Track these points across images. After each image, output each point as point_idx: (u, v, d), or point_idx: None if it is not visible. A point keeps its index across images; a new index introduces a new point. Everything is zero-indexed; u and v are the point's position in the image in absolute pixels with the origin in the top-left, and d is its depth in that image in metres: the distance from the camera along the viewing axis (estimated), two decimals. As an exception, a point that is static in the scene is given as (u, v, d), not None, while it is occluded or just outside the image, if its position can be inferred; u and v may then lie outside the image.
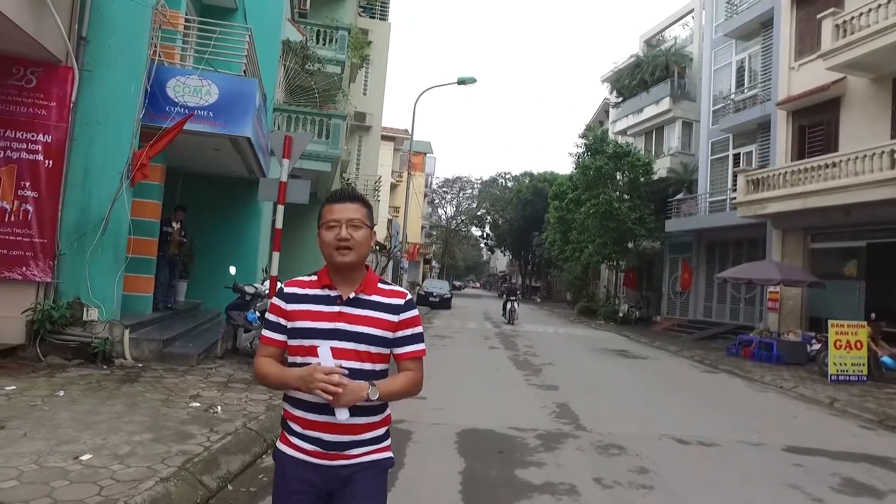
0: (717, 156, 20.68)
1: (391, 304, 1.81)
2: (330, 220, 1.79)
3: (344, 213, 1.79)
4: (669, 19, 28.34)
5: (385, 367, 1.82)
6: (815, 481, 4.58)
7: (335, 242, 1.76)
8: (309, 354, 1.73)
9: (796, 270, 14.48)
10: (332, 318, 1.75)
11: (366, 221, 1.81)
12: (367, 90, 20.69)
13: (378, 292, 1.82)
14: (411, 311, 1.85)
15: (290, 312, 1.79)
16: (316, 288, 1.81)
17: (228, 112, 7.87)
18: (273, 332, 1.82)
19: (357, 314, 1.76)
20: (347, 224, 1.77)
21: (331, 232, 1.78)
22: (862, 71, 13.34)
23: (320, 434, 1.72)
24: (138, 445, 4.04)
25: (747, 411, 7.71)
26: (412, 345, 1.83)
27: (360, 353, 1.74)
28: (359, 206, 1.83)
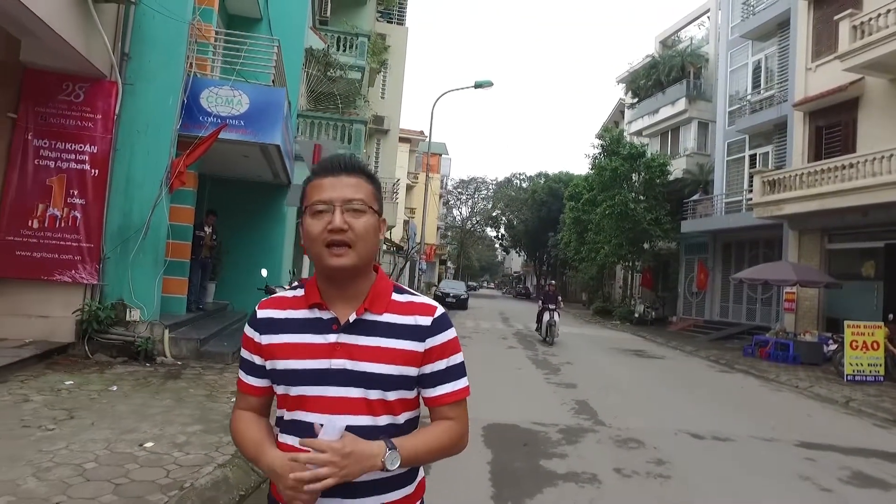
0: (733, 157, 20.74)
1: (413, 325, 1.25)
2: (317, 201, 1.22)
3: (339, 191, 1.21)
4: (685, 19, 28.35)
5: (411, 417, 1.29)
6: (825, 474, 4.82)
7: (325, 236, 1.19)
8: (298, 408, 1.22)
9: (813, 271, 14.55)
10: (324, 352, 1.22)
11: (372, 203, 1.24)
12: (384, 94, 21.07)
13: (393, 308, 1.26)
14: (446, 332, 1.28)
15: (266, 348, 1.26)
16: (301, 308, 1.26)
17: (258, 121, 8.23)
18: (247, 375, 1.32)
19: (361, 345, 1.22)
20: (343, 207, 1.20)
21: (319, 220, 1.21)
22: (880, 72, 13.39)
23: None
24: (192, 435, 4.39)
25: (762, 409, 7.91)
26: (449, 382, 1.27)
27: (371, 402, 1.21)
28: (359, 179, 1.25)
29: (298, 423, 1.22)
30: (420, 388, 1.28)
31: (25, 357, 5.94)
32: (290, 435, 1.24)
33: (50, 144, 6.87)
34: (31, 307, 6.80)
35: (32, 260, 6.76)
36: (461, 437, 1.29)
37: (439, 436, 1.25)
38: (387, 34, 19.57)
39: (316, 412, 1.20)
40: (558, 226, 37.36)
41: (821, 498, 4.35)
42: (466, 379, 1.31)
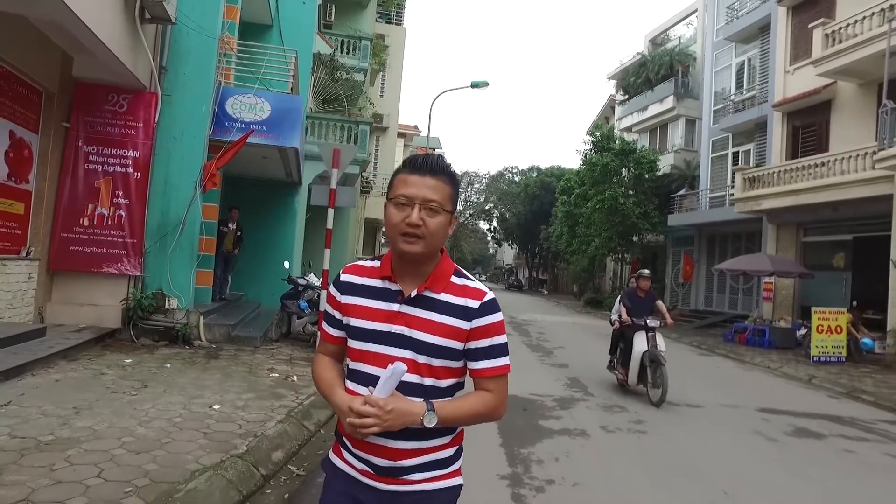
0: (717, 153, 21.69)
1: (463, 306, 1.44)
2: (401, 195, 1.41)
3: (421, 191, 1.40)
4: (674, 19, 29.20)
5: (455, 383, 1.49)
6: (775, 430, 5.79)
7: (402, 227, 1.39)
8: (361, 360, 1.45)
9: (788, 262, 15.54)
10: (387, 318, 1.44)
11: (446, 206, 1.43)
12: (383, 92, 21.82)
13: (449, 289, 1.45)
14: (491, 315, 1.46)
15: (344, 306, 1.51)
16: (375, 278, 1.49)
17: (279, 126, 9.02)
18: (329, 326, 1.57)
19: (419, 317, 1.43)
20: (422, 205, 1.39)
21: (399, 212, 1.41)
22: (850, 77, 14.36)
23: (369, 457, 1.43)
24: (249, 401, 5.24)
25: (733, 385, 8.87)
26: (491, 359, 1.46)
27: (419, 364, 1.42)
28: (441, 182, 1.43)
29: (358, 372, 1.46)
30: (466, 361, 1.47)
31: (87, 340, 6.76)
32: (353, 382, 1.47)
33: (98, 150, 7.65)
34: (83, 296, 7.61)
35: (84, 254, 7.56)
36: (497, 408, 1.48)
37: (475, 404, 1.45)
38: (386, 34, 20.31)
39: (374, 365, 1.43)
40: (550, 219, 38.17)
41: (766, 444, 5.34)
42: (508, 358, 1.49)
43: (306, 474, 3.98)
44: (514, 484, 3.96)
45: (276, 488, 3.71)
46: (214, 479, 3.43)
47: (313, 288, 8.92)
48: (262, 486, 3.67)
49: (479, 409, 1.46)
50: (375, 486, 1.45)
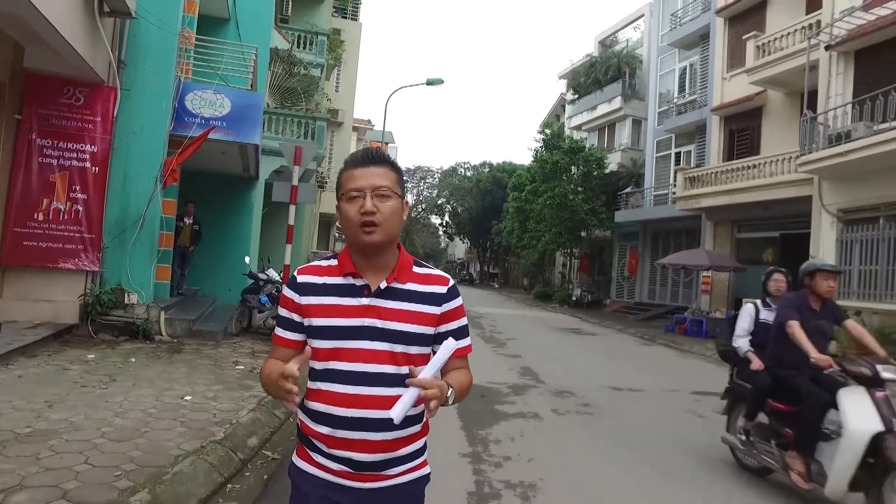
0: (661, 153, 22.79)
1: (432, 292, 1.51)
2: (351, 189, 1.45)
3: (368, 180, 1.44)
4: (622, 22, 30.22)
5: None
6: (704, 408, 6.43)
7: (358, 218, 1.43)
8: (334, 359, 1.45)
9: (723, 257, 16.62)
10: (357, 312, 1.45)
11: (396, 189, 1.47)
12: (339, 87, 21.82)
13: (415, 278, 1.51)
14: (456, 299, 1.56)
15: (304, 307, 1.49)
16: (336, 276, 1.50)
17: (239, 122, 9.09)
18: (285, 330, 1.54)
19: (391, 308, 1.46)
20: (373, 193, 1.43)
21: (353, 204, 1.45)
22: (778, 86, 15.47)
23: (350, 454, 1.43)
24: (218, 392, 5.43)
25: (671, 371, 9.59)
26: (460, 339, 1.52)
27: (395, 354, 1.44)
28: (386, 169, 1.48)
29: (333, 371, 1.44)
30: (434, 345, 1.51)
31: (44, 336, 6.72)
32: (324, 382, 1.45)
33: (53, 144, 7.55)
34: (38, 292, 7.52)
35: (38, 249, 7.47)
36: (471, 382, 1.60)
37: (465, 380, 1.55)
38: (342, 29, 20.32)
39: (349, 362, 1.43)
40: (502, 214, 38.84)
41: (695, 420, 6.03)
42: (469, 338, 1.61)
43: (281, 458, 4.24)
44: (475, 461, 4.35)
45: (254, 471, 3.96)
46: (197, 462, 3.66)
47: (273, 283, 9.06)
48: (241, 469, 3.92)
49: (467, 384, 1.56)
50: (352, 485, 1.44)
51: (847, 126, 11.62)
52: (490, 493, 3.75)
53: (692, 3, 21.20)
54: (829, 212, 12.52)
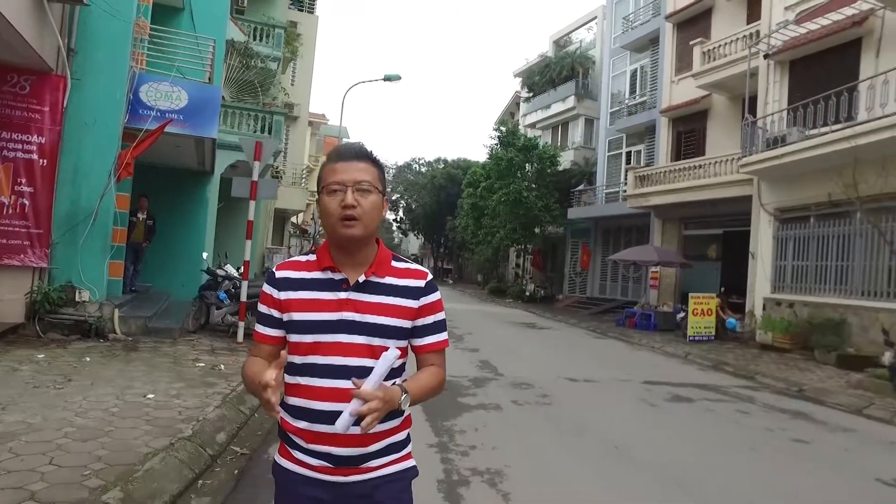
0: (612, 152, 23.50)
1: (410, 286, 1.52)
2: (332, 182, 1.46)
3: (350, 174, 1.45)
4: (576, 23, 30.87)
5: (403, 362, 1.53)
6: (655, 397, 6.82)
7: (338, 211, 1.44)
8: (311, 353, 1.46)
9: (671, 253, 17.36)
10: (335, 306, 1.46)
11: (376, 185, 1.49)
12: (294, 81, 21.49)
13: (393, 273, 1.53)
14: (434, 294, 1.57)
15: (283, 302, 1.50)
16: (315, 270, 1.51)
17: (197, 116, 8.91)
18: (265, 327, 1.54)
19: (368, 301, 1.47)
20: (354, 188, 1.44)
21: (333, 198, 1.45)
22: (722, 91, 16.24)
23: (329, 448, 1.43)
24: (181, 390, 5.39)
25: (623, 363, 10.02)
26: (435, 334, 1.56)
27: (373, 348, 1.45)
28: (368, 165, 1.49)
29: (314, 365, 1.45)
30: (410, 338, 1.54)
31: (-11, 334, 6.46)
32: (304, 376, 1.46)
33: (-5, 134, 7.21)
34: (-20, 289, 7.19)
35: (-19, 244, 7.14)
36: (443, 381, 1.59)
37: (431, 379, 1.53)
38: (298, 22, 20.01)
39: (329, 355, 1.44)
40: (456, 210, 39.07)
41: (647, 408, 6.35)
42: (446, 333, 1.61)
43: (250, 453, 4.28)
44: (442, 450, 4.51)
45: (224, 466, 3.99)
46: (168, 459, 3.67)
47: (231, 279, 8.95)
48: (211, 465, 3.94)
49: (434, 384, 1.54)
50: (333, 480, 1.44)
51: (783, 131, 12.36)
52: (459, 480, 3.91)
53: (643, 8, 21.93)
54: (766, 211, 13.27)
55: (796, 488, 4.19)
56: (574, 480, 4.09)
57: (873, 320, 10.20)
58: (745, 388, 8.05)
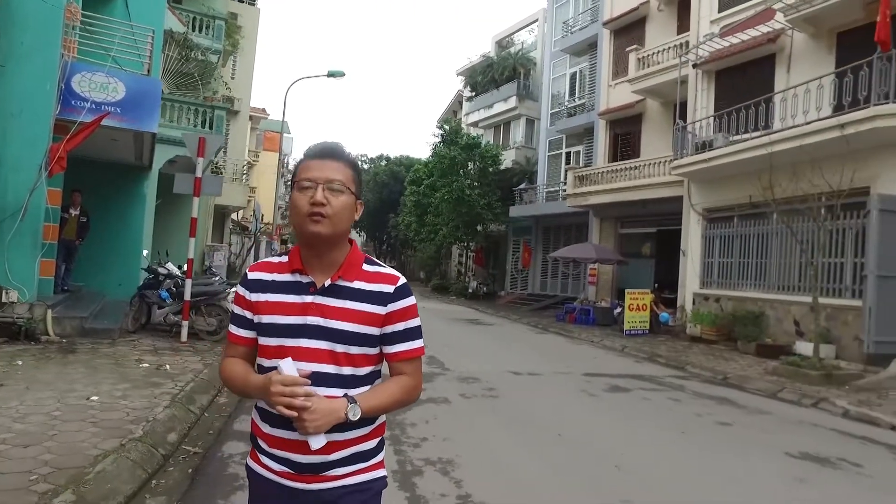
0: (553, 152, 24.18)
1: (377, 291, 1.47)
2: (303, 179, 1.43)
3: (322, 172, 1.43)
4: (518, 25, 31.49)
5: (372, 370, 1.50)
6: (595, 387, 7.21)
7: (307, 207, 1.41)
8: (276, 356, 1.43)
9: (608, 251, 18.12)
10: (300, 310, 1.43)
11: (349, 186, 1.46)
12: (234, 74, 20.90)
13: (362, 276, 1.48)
14: (404, 299, 1.50)
15: (254, 304, 1.48)
16: (285, 272, 1.49)
17: (136, 109, 8.61)
18: (239, 328, 1.53)
19: (333, 306, 1.43)
20: (325, 185, 1.42)
21: (303, 194, 1.42)
22: (655, 96, 17.09)
23: (289, 454, 1.41)
24: (126, 391, 5.27)
25: (564, 356, 10.45)
26: (406, 342, 1.50)
27: (336, 354, 1.42)
28: (341, 165, 1.46)
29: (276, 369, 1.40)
30: (381, 346, 1.48)
31: None
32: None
33: (-87, 125, 6.76)
34: None
35: None
36: (414, 389, 1.52)
37: (394, 390, 1.47)
38: (238, 13, 19.49)
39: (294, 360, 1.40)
40: (399, 208, 39.02)
41: (588, 398, 6.74)
42: (422, 340, 1.54)
43: (203, 451, 4.28)
44: (395, 443, 4.65)
45: (177, 465, 3.98)
46: (120, 460, 3.64)
47: (173, 277, 8.72)
48: (163, 465, 3.93)
49: (398, 395, 1.48)
50: (296, 486, 1.41)
51: (710, 136, 13.19)
52: (413, 470, 4.07)
53: (582, 14, 22.68)
54: (696, 211, 14.11)
55: (721, 465, 4.60)
56: (522, 466, 4.33)
57: (787, 312, 11.09)
58: (677, 378, 8.62)
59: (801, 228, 10.22)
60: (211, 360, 6.98)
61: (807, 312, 10.01)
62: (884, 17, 9.24)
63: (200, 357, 7.10)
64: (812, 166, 9.33)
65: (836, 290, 10.20)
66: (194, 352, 7.44)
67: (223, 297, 8.49)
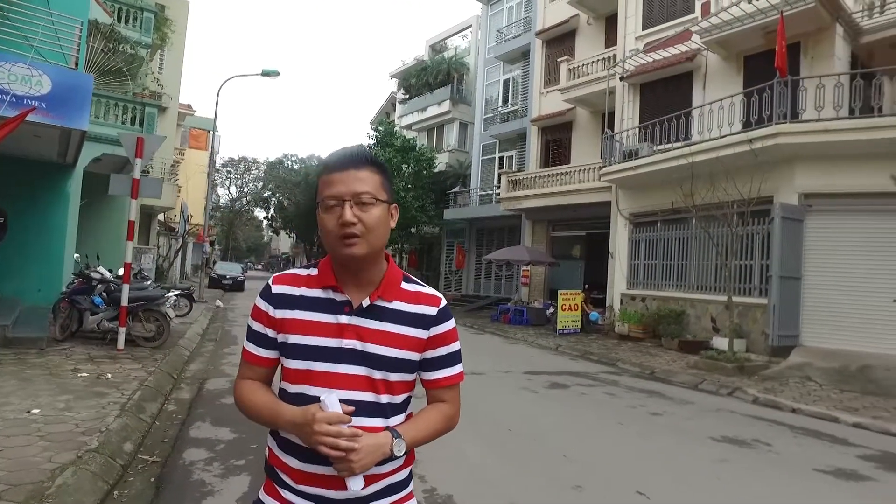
0: (486, 157, 24.77)
1: (419, 313, 1.37)
2: (328, 196, 1.30)
3: (348, 186, 1.29)
4: (452, 30, 31.98)
5: (408, 396, 1.40)
6: (536, 385, 7.62)
7: (338, 230, 1.28)
8: (305, 382, 1.31)
9: (540, 253, 18.83)
10: (335, 332, 1.31)
11: (380, 195, 1.31)
12: (162, 69, 20.00)
13: (402, 296, 1.37)
14: (447, 322, 1.41)
15: (280, 321, 1.35)
16: (315, 288, 1.35)
17: (64, 105, 8.15)
18: (257, 347, 1.38)
19: (371, 328, 1.32)
20: (353, 201, 1.28)
21: (331, 214, 1.29)
22: (585, 105, 17.95)
23: (323, 491, 1.28)
24: (69, 402, 5.08)
25: (503, 356, 10.86)
26: (447, 368, 1.42)
27: (374, 381, 1.30)
28: (368, 172, 1.32)
29: (303, 396, 1.29)
30: (420, 372, 1.38)
31: None
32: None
33: None
34: None
35: None
36: (453, 417, 1.44)
37: (436, 418, 1.39)
38: (166, 6, 18.69)
39: (321, 387, 1.28)
40: (332, 208, 38.43)
41: (531, 395, 7.13)
42: (462, 365, 1.44)
43: (161, 460, 4.24)
44: (356, 444, 4.77)
45: (137, 475, 3.94)
46: (80, 472, 3.57)
47: (106, 282, 8.35)
48: (123, 475, 3.88)
49: (440, 425, 1.40)
50: None
51: (636, 145, 14.07)
52: (377, 469, 4.22)
53: (515, 23, 23.39)
54: (623, 215, 14.98)
55: (654, 450, 5.06)
56: (479, 460, 4.59)
57: (705, 311, 12.04)
58: (610, 374, 9.21)
59: (716, 233, 11.13)
60: (153, 367, 6.79)
61: (722, 310, 10.92)
62: (780, 48, 10.29)
63: (142, 364, 6.89)
64: (726, 176, 10.23)
65: (746, 290, 11.20)
66: (134, 359, 7.19)
67: (162, 302, 8.23)
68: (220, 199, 59.72)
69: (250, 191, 60.08)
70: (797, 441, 5.68)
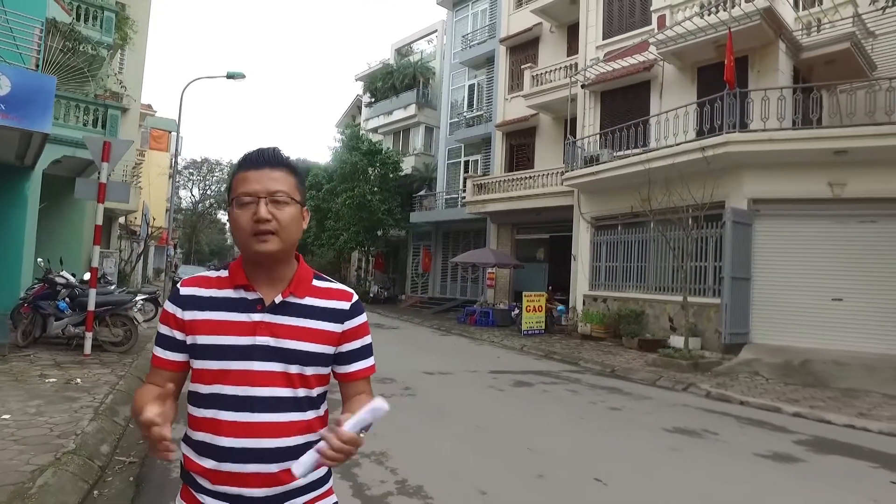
0: (452, 160, 25.07)
1: (332, 308, 1.39)
2: (243, 193, 1.32)
3: (263, 184, 1.32)
4: (417, 34, 32.16)
5: (324, 391, 1.42)
6: (502, 383, 7.92)
7: (251, 226, 1.29)
8: (221, 382, 1.30)
9: (506, 256, 19.21)
10: (248, 330, 1.32)
11: (294, 195, 1.35)
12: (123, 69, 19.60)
13: (314, 293, 1.40)
14: (360, 316, 1.44)
15: (188, 323, 1.34)
16: (226, 288, 1.36)
17: (24, 107, 8.03)
18: (164, 350, 1.37)
19: (285, 324, 1.33)
20: (268, 199, 1.31)
21: (245, 211, 1.31)
22: (548, 111, 18.45)
23: (241, 490, 1.28)
24: (40, 407, 5.09)
25: (469, 356, 11.13)
26: (363, 360, 1.45)
27: (290, 376, 1.32)
28: (282, 172, 1.35)
29: (220, 396, 1.29)
30: (335, 366, 1.41)
31: None
32: (209, 408, 1.30)
33: None
34: None
35: None
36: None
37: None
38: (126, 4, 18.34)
39: (238, 385, 1.29)
40: (297, 212, 38.06)
41: (497, 393, 7.43)
42: (374, 358, 1.48)
43: (139, 460, 4.33)
44: (329, 442, 4.94)
45: (116, 475, 4.03)
46: (60, 473, 3.66)
47: (71, 286, 8.27)
48: (102, 476, 3.97)
49: None
50: None
51: (597, 151, 14.57)
52: (350, 463, 4.41)
53: (480, 29, 23.78)
54: (585, 219, 15.47)
55: (615, 442, 5.40)
56: (448, 454, 4.83)
57: (663, 311, 12.57)
58: (572, 372, 9.58)
59: (673, 236, 11.67)
60: (122, 371, 6.80)
61: (679, 310, 11.44)
62: (729, 62, 10.92)
63: (111, 369, 6.88)
64: (682, 182, 10.76)
65: (701, 290, 11.76)
66: (102, 364, 7.17)
67: (129, 306, 8.19)
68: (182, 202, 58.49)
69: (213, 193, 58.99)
70: (742, 430, 6.12)
